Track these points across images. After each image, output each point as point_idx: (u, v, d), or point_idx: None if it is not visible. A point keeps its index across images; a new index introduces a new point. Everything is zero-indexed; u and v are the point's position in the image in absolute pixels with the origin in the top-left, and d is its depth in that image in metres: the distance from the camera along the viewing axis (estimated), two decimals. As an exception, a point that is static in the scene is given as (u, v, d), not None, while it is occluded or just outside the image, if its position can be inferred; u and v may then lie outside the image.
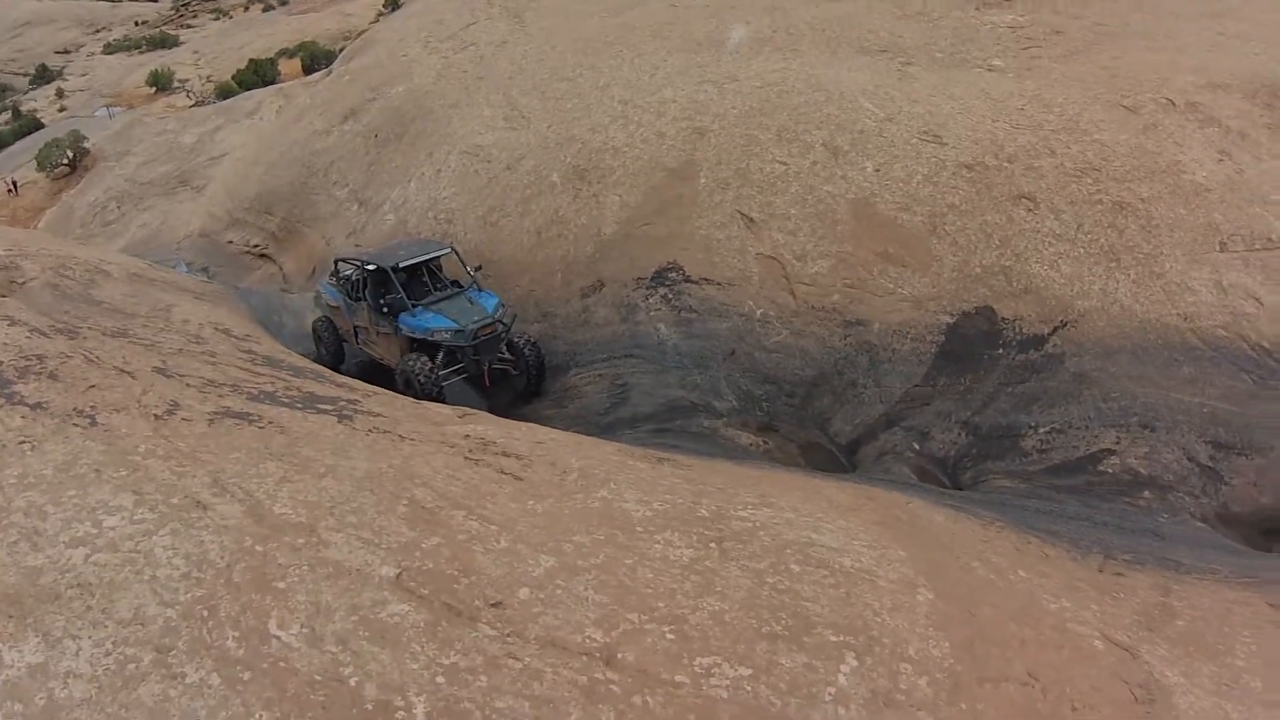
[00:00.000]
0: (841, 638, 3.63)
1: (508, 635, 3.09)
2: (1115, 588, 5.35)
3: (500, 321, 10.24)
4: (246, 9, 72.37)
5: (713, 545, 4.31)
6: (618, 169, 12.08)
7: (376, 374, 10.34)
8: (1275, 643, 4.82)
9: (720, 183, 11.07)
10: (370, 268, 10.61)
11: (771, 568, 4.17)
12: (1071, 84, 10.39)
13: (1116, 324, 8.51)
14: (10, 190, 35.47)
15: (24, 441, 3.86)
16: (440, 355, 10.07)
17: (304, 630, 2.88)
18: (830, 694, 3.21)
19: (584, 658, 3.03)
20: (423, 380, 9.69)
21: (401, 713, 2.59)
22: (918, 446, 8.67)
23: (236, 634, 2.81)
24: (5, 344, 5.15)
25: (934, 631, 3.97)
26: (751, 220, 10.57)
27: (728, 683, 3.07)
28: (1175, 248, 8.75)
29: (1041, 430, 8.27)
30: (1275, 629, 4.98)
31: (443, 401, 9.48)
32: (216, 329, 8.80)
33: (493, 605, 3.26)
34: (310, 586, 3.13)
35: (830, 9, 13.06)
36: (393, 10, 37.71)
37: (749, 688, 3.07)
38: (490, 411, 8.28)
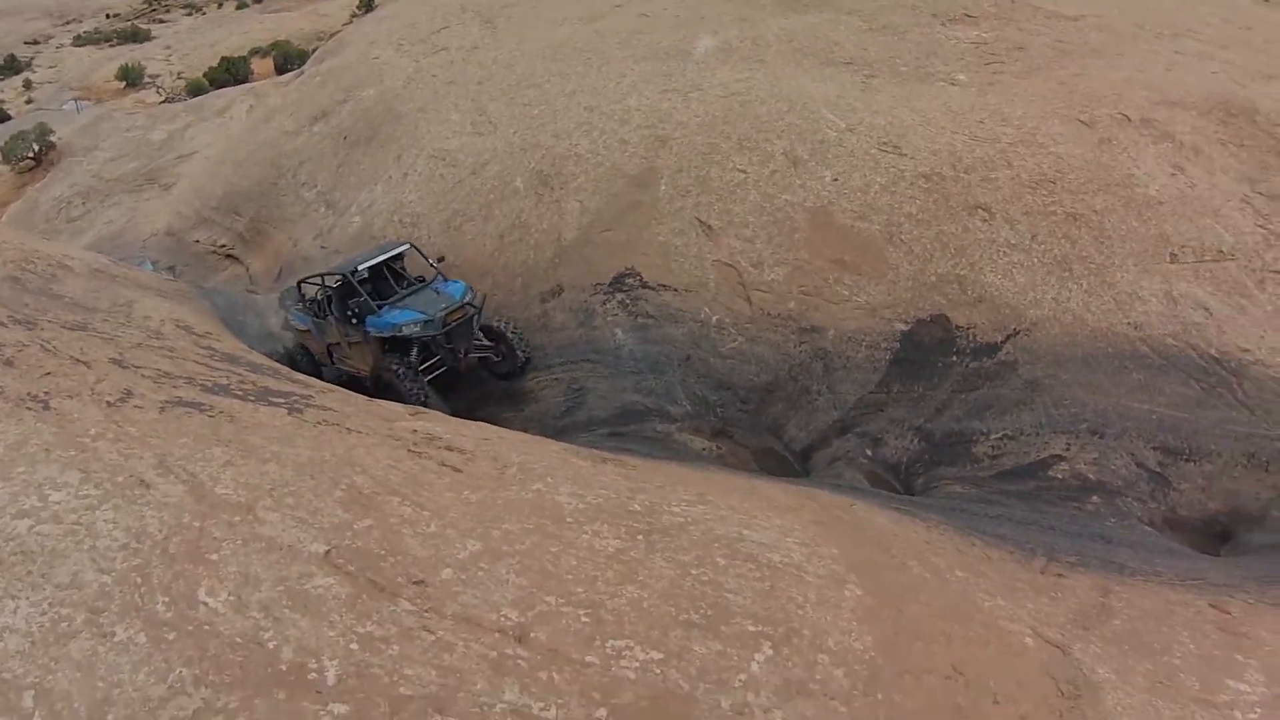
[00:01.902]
0: (760, 628, 3.73)
1: (425, 611, 3.24)
2: (1054, 588, 5.47)
3: (469, 305, 10.17)
4: (220, 5, 72.18)
5: (640, 537, 4.40)
6: (580, 175, 12.23)
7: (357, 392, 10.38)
8: (1213, 642, 4.96)
9: (680, 190, 11.24)
10: (332, 280, 10.71)
11: (697, 560, 4.26)
12: (1031, 99, 10.65)
13: (1068, 332, 8.72)
14: None
15: None
16: (415, 352, 9.94)
17: (230, 598, 3.08)
18: (741, 680, 3.31)
19: (497, 634, 3.16)
20: (406, 382, 9.53)
21: (314, 674, 2.79)
22: (870, 453, 8.84)
23: (166, 599, 3.02)
24: None
25: (857, 625, 4.07)
26: (710, 228, 10.74)
27: (637, 665, 3.19)
28: (1127, 258, 8.99)
29: (993, 437, 8.47)
30: (1215, 629, 5.12)
31: (425, 402, 9.37)
32: (178, 326, 8.86)
33: (415, 583, 3.41)
34: (241, 559, 3.32)
35: (798, 21, 13.33)
36: (366, 12, 37.85)
37: (658, 670, 3.18)
38: (451, 413, 8.36)
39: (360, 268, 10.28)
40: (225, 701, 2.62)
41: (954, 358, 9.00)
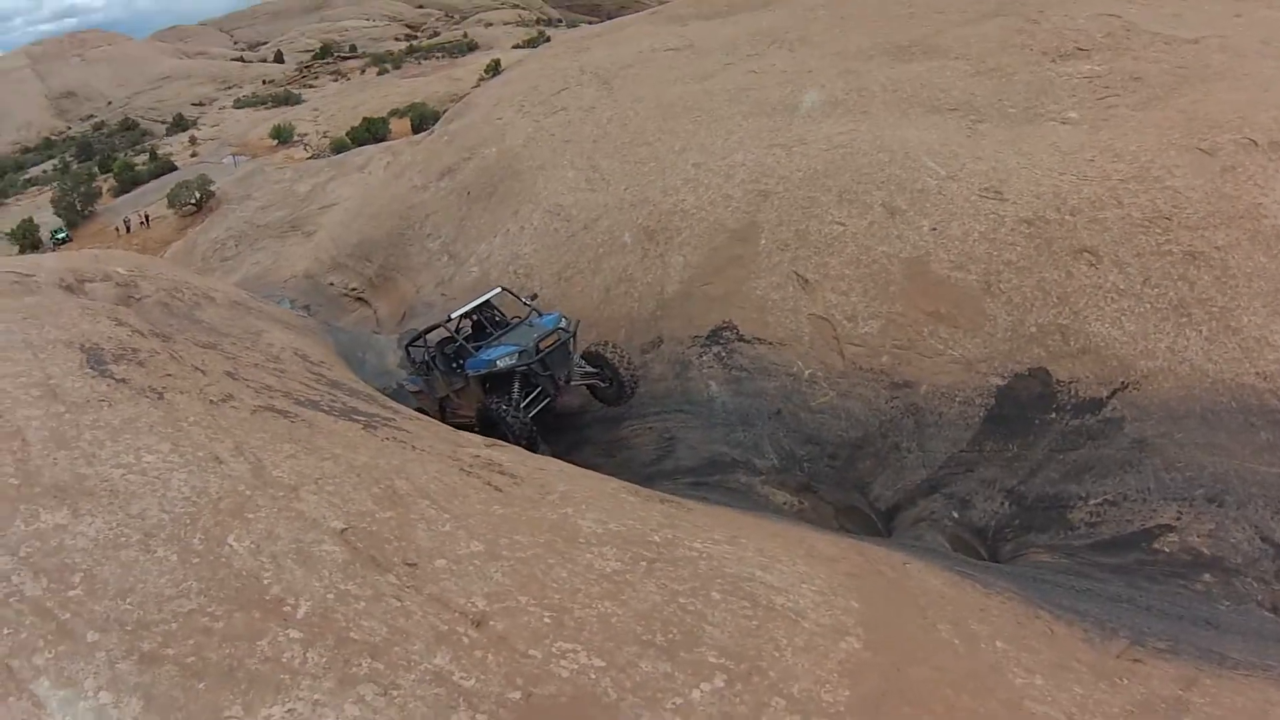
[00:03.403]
0: (721, 660, 3.83)
1: (406, 586, 3.81)
2: (1123, 674, 5.08)
3: (561, 330, 10.50)
4: (363, 71, 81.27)
5: (643, 563, 4.70)
6: (684, 230, 12.89)
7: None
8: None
9: (779, 244, 11.63)
10: (432, 333, 11.60)
11: (691, 591, 4.45)
12: (1146, 131, 10.33)
13: (1185, 385, 8.27)
14: (143, 223, 41.78)
15: (103, 400, 5.16)
16: (516, 387, 10.27)
17: (250, 545, 3.86)
18: (674, 703, 3.46)
19: (457, 614, 3.64)
20: (509, 418, 9.68)
21: (288, 607, 3.48)
22: (956, 514, 8.67)
23: (202, 537, 3.84)
24: (110, 337, 6.64)
25: (838, 678, 4.03)
26: (806, 281, 11.02)
27: (575, 667, 3.48)
28: (1254, 299, 8.44)
29: (1092, 501, 8.11)
30: (1321, 737, 4.69)
31: (535, 441, 9.71)
32: (296, 354, 10.08)
33: (408, 564, 3.99)
34: (271, 522, 4.10)
35: (904, 70, 13.56)
36: (493, 76, 41.24)
37: (593, 676, 3.46)
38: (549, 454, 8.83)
39: (454, 316, 11.16)
40: (214, 609, 3.38)
41: (1053, 414, 8.74)
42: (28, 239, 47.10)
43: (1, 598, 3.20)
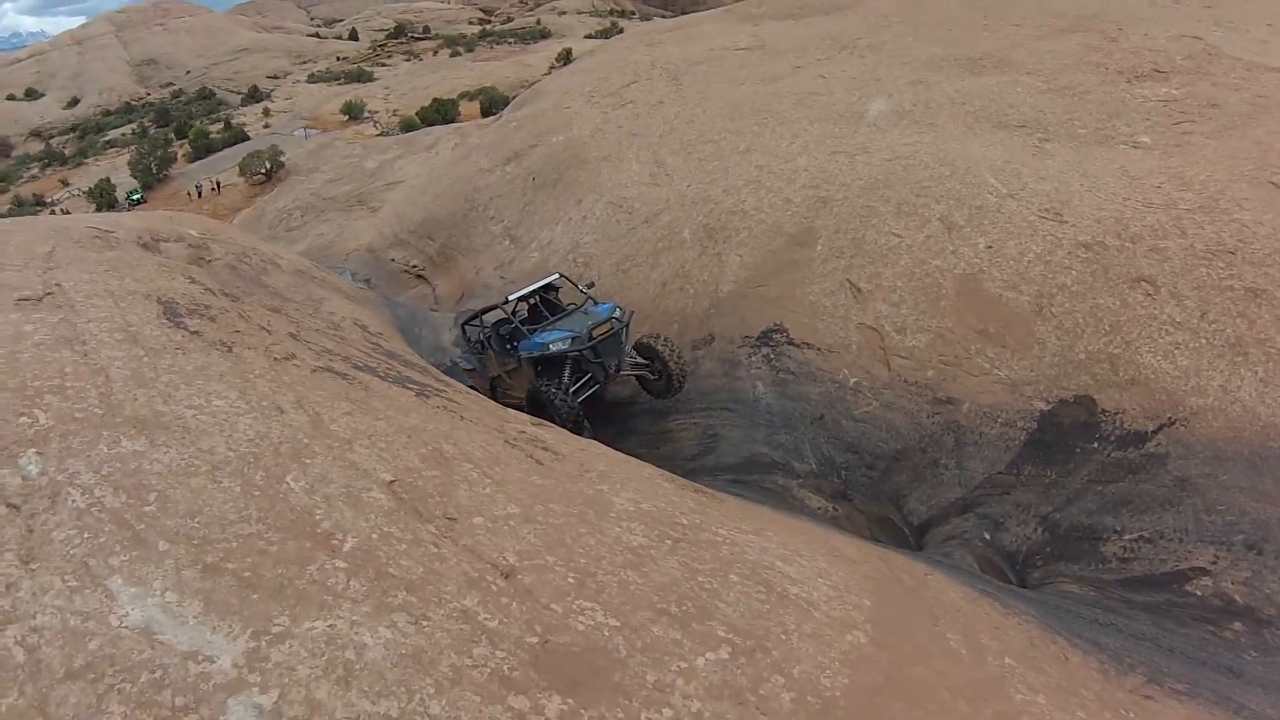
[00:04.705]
0: (729, 635, 4.11)
1: (444, 536, 4.18)
2: (1130, 707, 5.16)
3: (615, 320, 10.85)
4: (436, 53, 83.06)
5: (668, 541, 5.03)
6: (743, 230, 13.13)
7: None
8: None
9: (835, 251, 11.80)
10: (489, 314, 12.16)
11: (710, 571, 4.77)
12: (1219, 161, 10.21)
13: (1234, 426, 8.20)
14: (214, 189, 43.84)
15: (178, 349, 5.65)
16: (566, 372, 10.71)
17: (305, 485, 4.26)
18: (679, 666, 3.74)
19: (488, 565, 4.00)
20: (557, 401, 10.02)
21: (336, 541, 3.86)
22: (988, 536, 8.76)
23: (263, 474, 4.24)
24: (185, 293, 7.20)
25: (839, 666, 4.24)
26: (859, 290, 11.17)
27: (591, 624, 3.80)
28: (1317, 342, 8.33)
29: (1127, 537, 8.12)
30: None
31: (581, 425, 10.05)
32: (355, 323, 10.64)
33: (448, 518, 4.36)
34: (325, 467, 4.50)
35: (974, 83, 13.55)
36: (564, 65, 41.94)
37: (606, 633, 3.77)
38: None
39: (511, 298, 11.67)
40: (270, 535, 3.78)
41: (1095, 444, 8.76)
42: (104, 198, 49.89)
43: (84, 506, 3.63)
